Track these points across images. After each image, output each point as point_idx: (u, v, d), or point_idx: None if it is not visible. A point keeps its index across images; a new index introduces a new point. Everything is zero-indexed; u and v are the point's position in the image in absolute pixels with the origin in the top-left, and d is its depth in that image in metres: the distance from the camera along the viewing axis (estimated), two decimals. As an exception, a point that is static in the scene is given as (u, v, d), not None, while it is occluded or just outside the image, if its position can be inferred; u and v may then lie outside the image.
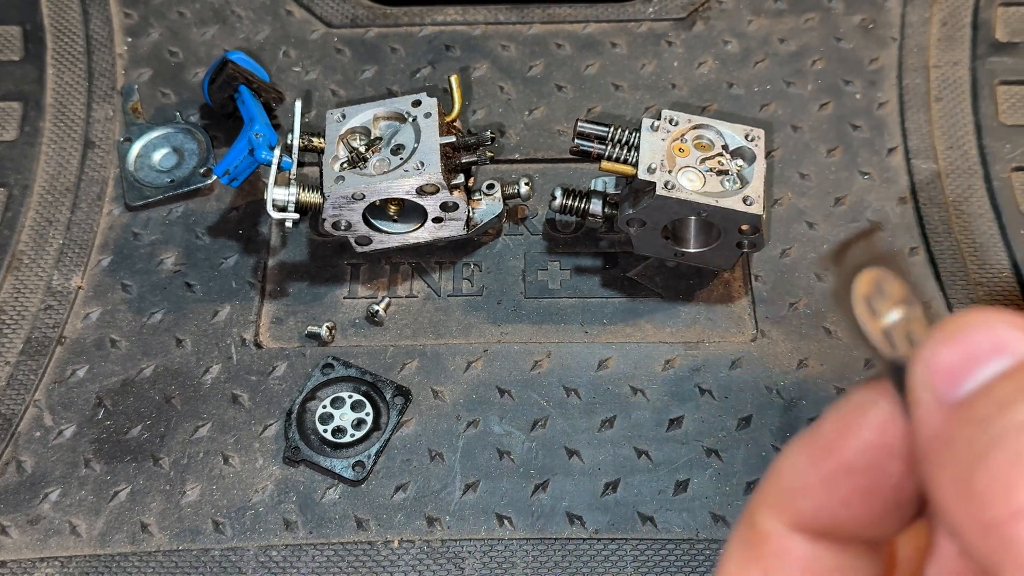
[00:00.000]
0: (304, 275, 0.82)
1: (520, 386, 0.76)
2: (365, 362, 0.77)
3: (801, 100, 0.90)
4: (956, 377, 0.24)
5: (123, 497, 0.72)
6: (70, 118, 0.90)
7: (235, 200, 0.85)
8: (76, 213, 0.85)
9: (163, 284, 0.81)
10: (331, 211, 0.75)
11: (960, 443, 0.23)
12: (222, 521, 0.71)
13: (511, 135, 0.89)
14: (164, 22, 0.96)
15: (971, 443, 0.23)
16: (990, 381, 0.24)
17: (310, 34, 0.95)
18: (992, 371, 0.24)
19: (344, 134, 0.77)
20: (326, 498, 0.71)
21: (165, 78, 0.92)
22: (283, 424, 0.74)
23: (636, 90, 0.91)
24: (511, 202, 0.82)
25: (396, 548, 0.69)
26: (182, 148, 0.88)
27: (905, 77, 0.91)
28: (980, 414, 0.23)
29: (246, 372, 0.77)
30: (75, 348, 0.78)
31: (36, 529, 0.70)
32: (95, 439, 0.74)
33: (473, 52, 0.94)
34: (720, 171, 0.74)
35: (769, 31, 0.95)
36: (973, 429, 0.23)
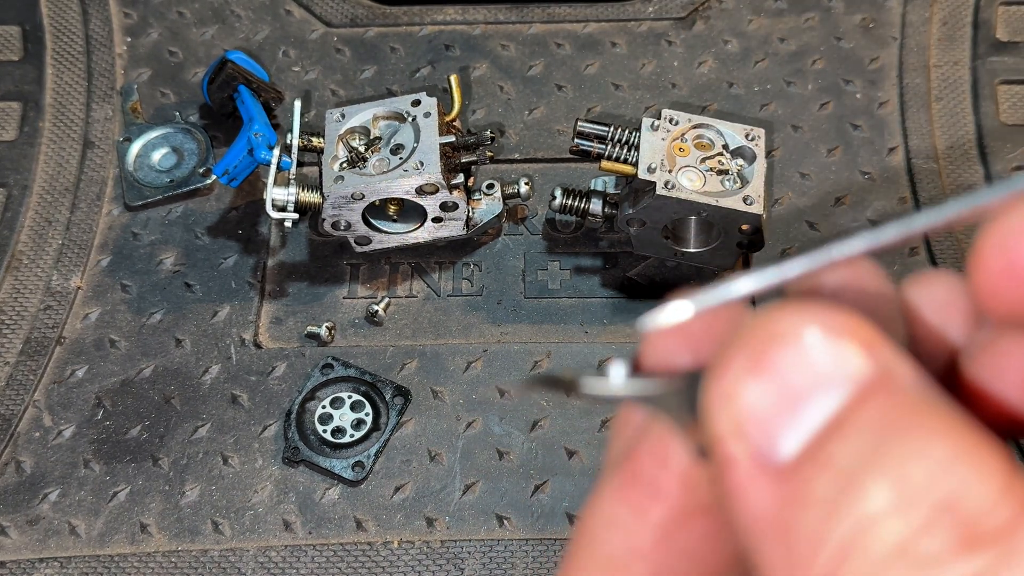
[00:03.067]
0: (304, 275, 0.82)
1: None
2: (365, 362, 0.77)
3: (801, 100, 0.90)
4: (775, 427, 0.19)
5: (122, 497, 0.72)
6: (69, 118, 0.90)
7: (234, 200, 0.85)
8: (75, 213, 0.85)
9: (162, 284, 0.81)
10: (330, 211, 0.75)
11: (800, 539, 0.18)
12: (221, 522, 0.70)
13: (511, 135, 0.88)
14: (163, 22, 0.95)
15: (815, 541, 0.17)
16: (819, 437, 0.18)
17: (309, 34, 0.95)
18: (818, 418, 0.18)
19: (343, 134, 0.77)
20: (325, 499, 0.71)
21: (164, 78, 0.92)
22: (282, 424, 0.74)
23: (636, 90, 0.91)
24: (511, 202, 0.82)
25: (396, 549, 0.69)
26: (181, 148, 0.88)
27: (905, 77, 0.91)
28: (820, 495, 0.18)
29: (245, 372, 0.77)
30: (74, 348, 0.78)
31: (35, 529, 0.70)
32: (94, 439, 0.74)
33: (473, 52, 0.94)
34: (720, 171, 0.74)
35: (769, 31, 0.94)
36: (816, 519, 0.18)
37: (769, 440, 0.19)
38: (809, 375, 0.18)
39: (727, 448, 0.19)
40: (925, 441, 0.17)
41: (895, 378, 0.19)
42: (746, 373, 0.19)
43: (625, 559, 0.22)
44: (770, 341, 0.19)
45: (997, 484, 0.17)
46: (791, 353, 0.19)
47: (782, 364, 0.19)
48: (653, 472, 0.22)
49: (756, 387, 0.19)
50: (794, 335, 0.19)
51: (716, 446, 0.19)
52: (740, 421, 0.19)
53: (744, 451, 0.19)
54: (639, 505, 0.22)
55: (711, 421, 0.19)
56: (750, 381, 0.19)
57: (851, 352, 0.19)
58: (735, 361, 0.19)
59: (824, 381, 0.18)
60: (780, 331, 0.19)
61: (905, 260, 0.83)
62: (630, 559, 0.22)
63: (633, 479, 0.22)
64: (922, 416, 0.18)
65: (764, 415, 0.19)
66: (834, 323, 0.19)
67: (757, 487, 0.19)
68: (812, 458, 0.18)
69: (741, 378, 0.19)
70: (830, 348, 0.19)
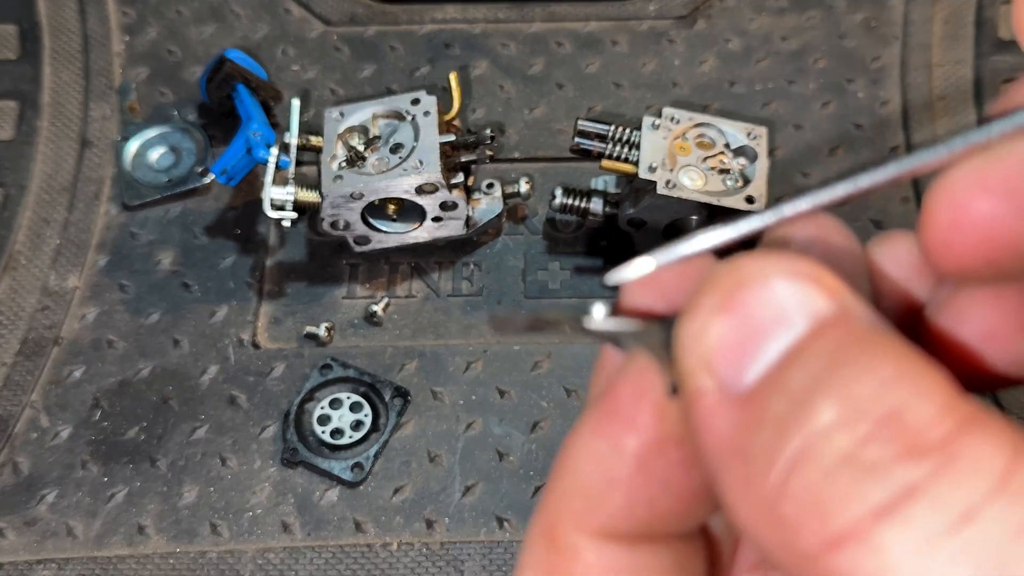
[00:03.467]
0: (302, 275, 0.81)
1: (520, 387, 0.75)
2: (364, 363, 0.76)
3: (803, 99, 0.90)
4: (739, 360, 0.20)
5: (120, 499, 0.71)
6: (67, 117, 0.89)
7: (233, 199, 0.85)
8: (73, 213, 0.84)
9: (160, 284, 0.81)
10: (329, 210, 0.75)
11: (756, 456, 0.19)
12: (219, 523, 0.70)
13: (511, 134, 0.88)
14: (162, 20, 0.95)
15: (768, 456, 0.19)
16: (778, 364, 0.20)
17: (309, 32, 0.95)
18: (779, 349, 0.20)
19: (342, 133, 0.77)
20: (324, 500, 0.71)
21: (163, 77, 0.92)
22: (281, 425, 0.74)
23: (637, 88, 0.91)
24: (511, 201, 0.82)
25: (395, 551, 0.69)
26: (180, 147, 0.88)
27: (908, 76, 0.91)
28: (774, 415, 0.19)
29: (244, 373, 0.76)
30: (72, 349, 0.78)
31: (33, 531, 0.70)
32: (92, 440, 0.74)
33: (473, 50, 0.93)
34: (722, 170, 0.74)
35: (771, 29, 0.94)
36: (768, 436, 0.19)
37: (734, 372, 0.20)
38: (772, 313, 0.20)
39: (695, 381, 0.20)
40: (872, 363, 0.19)
41: (851, 315, 0.20)
42: (714, 312, 0.20)
43: (602, 489, 0.23)
44: (738, 284, 0.20)
45: (939, 400, 0.18)
46: (757, 294, 0.20)
47: (748, 304, 0.20)
48: (629, 406, 0.23)
49: (723, 324, 0.20)
50: (760, 279, 0.20)
51: (686, 380, 0.21)
52: (707, 356, 0.20)
53: (711, 384, 0.20)
54: (616, 437, 0.23)
55: (681, 357, 0.21)
56: (718, 319, 0.20)
57: (813, 293, 0.20)
58: (705, 302, 0.20)
59: (786, 317, 0.20)
60: (747, 275, 0.20)
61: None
62: (607, 488, 0.23)
63: (610, 413, 0.23)
64: (872, 343, 0.19)
65: (730, 349, 0.20)
66: (798, 269, 0.20)
67: (721, 415, 0.20)
68: (769, 384, 0.19)
69: (710, 317, 0.20)
70: (793, 290, 0.20)
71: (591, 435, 0.23)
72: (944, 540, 0.17)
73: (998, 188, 0.21)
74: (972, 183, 0.22)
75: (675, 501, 0.23)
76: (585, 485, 0.23)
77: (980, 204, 0.22)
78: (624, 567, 0.23)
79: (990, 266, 0.22)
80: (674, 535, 0.24)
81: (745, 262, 0.20)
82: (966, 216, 0.22)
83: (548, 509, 0.24)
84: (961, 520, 0.17)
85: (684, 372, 0.21)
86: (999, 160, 0.22)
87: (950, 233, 0.22)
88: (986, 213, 0.22)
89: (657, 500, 0.23)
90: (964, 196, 0.22)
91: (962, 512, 0.17)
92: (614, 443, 0.23)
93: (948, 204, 0.22)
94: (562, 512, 0.23)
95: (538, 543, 0.24)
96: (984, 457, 0.18)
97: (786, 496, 0.18)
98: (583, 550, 0.23)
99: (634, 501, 0.23)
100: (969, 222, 0.22)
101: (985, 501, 0.17)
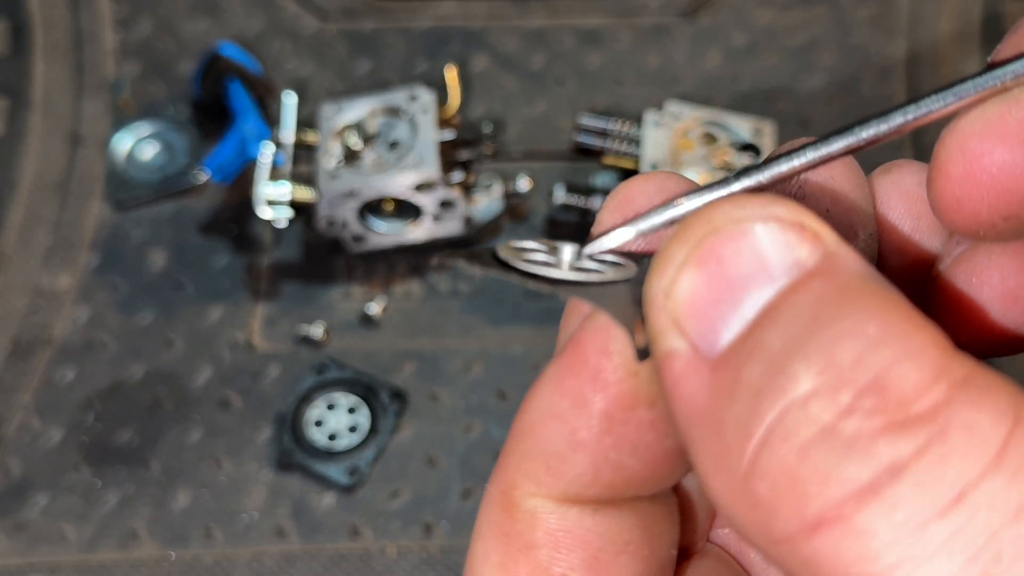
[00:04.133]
0: (298, 275, 0.80)
1: (520, 389, 0.74)
2: (361, 364, 0.75)
3: (809, 95, 0.89)
4: (713, 318, 0.18)
5: (113, 502, 0.70)
6: (58, 114, 0.88)
7: (227, 198, 0.84)
8: (65, 212, 0.83)
9: (153, 284, 0.80)
10: (326, 209, 0.74)
11: (729, 428, 0.17)
12: (213, 527, 0.69)
13: (511, 130, 0.87)
14: (155, 14, 0.94)
15: (742, 429, 0.17)
16: (755, 323, 0.17)
17: (304, 27, 0.94)
18: (757, 305, 0.18)
19: (339, 130, 0.76)
20: (320, 505, 0.70)
21: (156, 72, 0.91)
22: (276, 428, 0.73)
23: (640, 84, 0.90)
24: (511, 200, 0.81)
25: (393, 556, 0.68)
26: (173, 144, 0.87)
27: (914, 72, 0.90)
28: (748, 381, 0.17)
29: (239, 374, 0.76)
30: (64, 350, 0.77)
31: (24, 535, 0.69)
32: (84, 443, 0.73)
33: (472, 46, 0.92)
34: (726, 166, 0.72)
35: (776, 24, 0.93)
36: (742, 406, 0.17)
37: (708, 333, 0.18)
38: (750, 265, 0.18)
39: (665, 343, 0.18)
40: (856, 322, 0.17)
41: (837, 264, 0.18)
42: (686, 265, 0.18)
43: (565, 451, 0.21)
44: (712, 232, 0.18)
45: (931, 363, 0.16)
46: (732, 244, 0.18)
47: (723, 255, 0.18)
48: (597, 359, 0.20)
49: (695, 278, 0.18)
50: (737, 226, 0.18)
51: (656, 341, 0.18)
52: (678, 315, 0.18)
53: (683, 345, 0.18)
54: (580, 395, 0.20)
55: (651, 316, 0.18)
56: (689, 272, 0.18)
57: (795, 241, 0.18)
58: (676, 253, 0.18)
59: (765, 270, 0.18)
60: (723, 222, 0.18)
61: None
62: (571, 451, 0.21)
63: (575, 368, 0.21)
64: (857, 298, 0.17)
65: (703, 307, 0.18)
66: (779, 214, 0.18)
67: (693, 380, 0.18)
68: (745, 346, 0.17)
69: (681, 270, 0.18)
70: (773, 237, 0.18)
71: (553, 392, 0.21)
72: (933, 523, 0.16)
73: (1017, 136, 0.20)
74: (987, 131, 0.20)
75: (645, 464, 0.21)
76: (546, 446, 0.21)
77: (997, 153, 0.20)
78: (588, 532, 0.21)
79: (1009, 221, 0.20)
80: (643, 497, 0.22)
81: (720, 207, 0.18)
82: (981, 167, 0.20)
83: (505, 471, 0.21)
84: (953, 501, 0.16)
85: (653, 332, 0.18)
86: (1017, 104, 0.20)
87: (964, 186, 0.20)
88: (1004, 163, 0.20)
89: (625, 464, 0.20)
90: (979, 145, 0.20)
91: (955, 492, 0.16)
92: (578, 401, 0.20)
93: (961, 154, 0.20)
94: (521, 474, 0.21)
95: (495, 507, 0.22)
96: (980, 427, 0.16)
97: (760, 474, 0.16)
98: (543, 515, 0.21)
99: (600, 464, 0.20)
100: (985, 173, 0.20)
101: (980, 479, 0.16)
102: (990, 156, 0.20)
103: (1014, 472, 0.16)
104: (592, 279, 0.20)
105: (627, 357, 0.20)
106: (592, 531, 0.21)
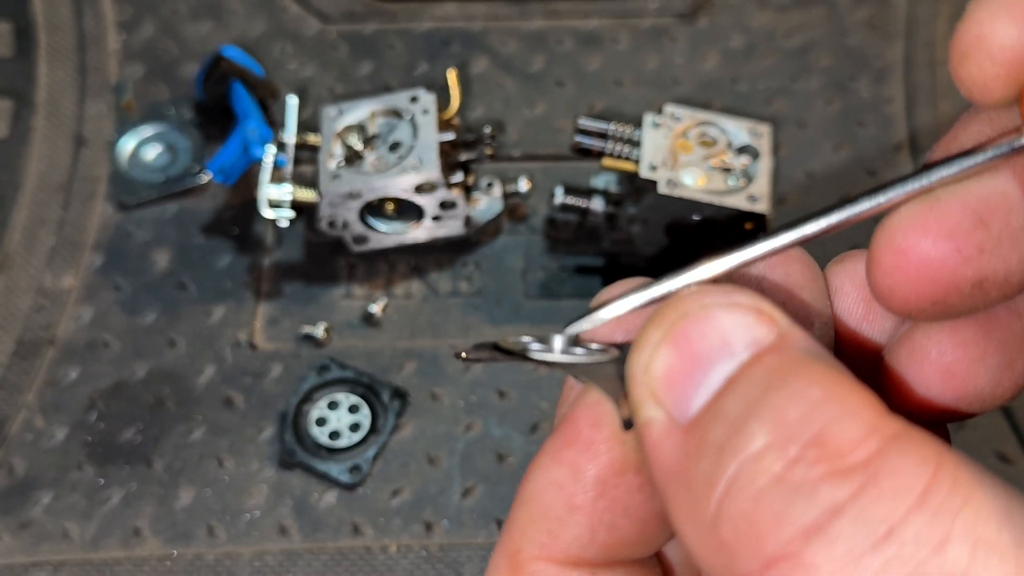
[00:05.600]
0: (300, 275, 0.81)
1: (520, 388, 0.75)
2: (362, 363, 0.76)
3: (806, 96, 0.89)
4: (684, 390, 0.21)
5: (116, 501, 0.71)
6: (62, 115, 0.89)
7: (229, 198, 0.84)
8: (68, 212, 0.84)
9: (156, 284, 0.80)
10: (327, 209, 0.74)
11: (697, 482, 0.20)
12: (216, 526, 0.70)
13: (511, 132, 0.87)
14: (158, 17, 0.94)
15: (708, 482, 0.19)
16: (719, 394, 0.20)
17: (306, 29, 0.94)
18: (720, 377, 0.21)
19: (340, 131, 0.76)
20: (322, 503, 0.70)
21: (159, 74, 0.91)
22: (278, 427, 0.73)
23: (638, 86, 0.90)
24: (511, 200, 0.81)
25: (394, 554, 0.68)
26: (176, 145, 0.87)
27: (912, 73, 0.90)
28: (713, 441, 0.20)
29: (241, 374, 0.76)
30: (67, 349, 0.77)
31: (27, 533, 0.69)
32: (88, 442, 0.73)
33: (472, 48, 0.92)
34: (724, 168, 0.73)
35: (774, 26, 0.93)
36: (708, 463, 0.20)
37: (680, 402, 0.21)
38: (715, 343, 0.21)
39: (644, 413, 0.21)
40: (801, 387, 0.19)
41: (788, 342, 0.21)
42: (659, 344, 0.21)
43: (564, 515, 0.24)
44: (682, 316, 0.21)
45: (865, 421, 0.19)
46: (699, 326, 0.21)
47: (692, 335, 0.21)
48: (588, 432, 0.24)
49: (668, 357, 0.21)
50: (703, 311, 0.21)
51: (636, 412, 0.22)
52: (654, 388, 0.21)
53: (659, 414, 0.21)
54: (576, 464, 0.24)
55: (631, 389, 0.22)
56: (663, 351, 0.21)
57: (753, 322, 0.21)
58: (651, 335, 0.21)
59: (728, 347, 0.21)
60: (690, 308, 0.21)
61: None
62: (568, 514, 0.24)
63: (570, 440, 0.24)
64: (804, 368, 0.20)
65: (675, 380, 0.21)
66: (738, 300, 0.21)
67: (668, 445, 0.21)
68: (710, 412, 0.20)
69: (656, 349, 0.21)
70: (734, 320, 0.21)
71: (551, 462, 0.24)
72: (868, 557, 0.18)
73: (939, 231, 0.23)
74: (912, 227, 0.23)
75: (636, 525, 0.24)
76: (547, 511, 0.24)
77: (922, 247, 0.23)
78: None
79: (936, 306, 0.23)
80: (633, 561, 0.25)
81: (688, 296, 0.22)
82: (908, 259, 0.23)
83: (511, 536, 0.24)
84: (884, 536, 0.18)
85: (634, 403, 0.22)
86: (939, 203, 0.23)
87: (895, 276, 0.23)
88: (928, 255, 0.23)
89: (618, 525, 0.23)
90: (905, 240, 0.23)
91: (885, 528, 0.18)
92: (574, 469, 0.24)
93: (890, 248, 0.23)
94: (525, 539, 0.24)
95: (501, 570, 0.24)
96: (906, 474, 0.18)
97: (724, 520, 0.19)
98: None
99: (596, 526, 0.23)
100: (911, 265, 0.23)
101: (906, 517, 0.18)
102: (915, 250, 0.23)
103: (935, 510, 0.18)
104: (581, 360, 0.24)
105: (615, 428, 0.23)
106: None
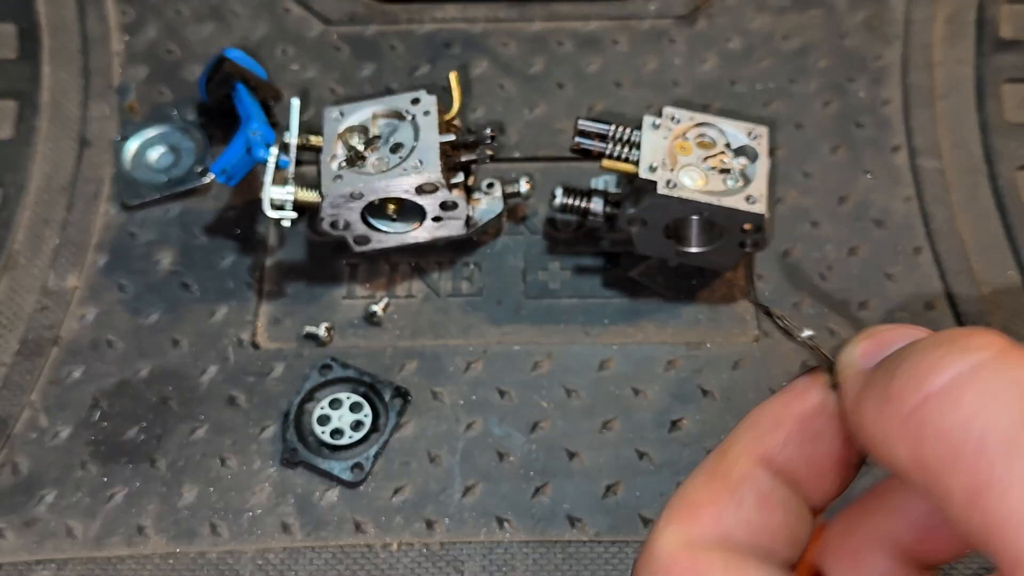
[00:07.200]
0: (302, 275, 0.81)
1: (520, 387, 0.75)
2: (363, 363, 0.76)
3: (804, 98, 0.90)
4: (872, 354, 0.32)
5: (119, 499, 0.71)
6: (66, 116, 0.89)
7: (232, 199, 0.85)
8: (72, 212, 0.84)
9: (160, 284, 0.81)
10: (329, 210, 0.75)
11: (875, 379, 0.30)
12: (219, 524, 0.70)
13: (511, 133, 0.88)
14: (161, 19, 0.95)
15: (883, 374, 0.30)
16: (894, 351, 0.31)
17: (308, 31, 0.94)
18: (897, 347, 0.31)
19: (342, 132, 0.77)
20: (324, 501, 0.71)
21: (162, 76, 0.92)
22: (280, 426, 0.74)
23: (638, 88, 0.91)
24: (511, 201, 0.82)
25: (395, 551, 0.69)
26: (179, 147, 0.87)
27: (909, 75, 0.90)
28: (888, 364, 0.30)
29: (243, 373, 0.76)
30: (71, 349, 0.78)
31: (32, 531, 0.70)
32: (91, 441, 0.74)
33: (473, 50, 0.93)
34: (723, 169, 0.73)
35: (772, 28, 0.94)
36: (882, 369, 0.30)
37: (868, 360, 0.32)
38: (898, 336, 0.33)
39: (845, 371, 0.33)
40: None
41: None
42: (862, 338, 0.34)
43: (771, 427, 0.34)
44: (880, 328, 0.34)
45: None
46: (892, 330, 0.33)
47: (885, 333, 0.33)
48: (804, 387, 0.34)
49: (867, 341, 0.33)
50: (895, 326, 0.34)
51: (840, 374, 0.33)
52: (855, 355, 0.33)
53: (854, 369, 0.33)
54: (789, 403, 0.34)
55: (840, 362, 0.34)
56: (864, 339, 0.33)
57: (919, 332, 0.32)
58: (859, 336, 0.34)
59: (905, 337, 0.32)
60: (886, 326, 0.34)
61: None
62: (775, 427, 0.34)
63: (791, 390, 0.35)
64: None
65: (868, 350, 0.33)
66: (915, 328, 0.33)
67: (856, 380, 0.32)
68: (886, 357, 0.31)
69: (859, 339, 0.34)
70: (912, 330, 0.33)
71: (773, 401, 0.34)
72: None
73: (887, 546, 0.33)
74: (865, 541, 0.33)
75: (818, 452, 0.33)
76: (758, 423, 0.34)
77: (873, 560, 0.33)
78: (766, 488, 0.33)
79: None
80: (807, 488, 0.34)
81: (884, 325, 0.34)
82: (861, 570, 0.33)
83: (726, 441, 0.34)
84: None
85: (841, 370, 0.33)
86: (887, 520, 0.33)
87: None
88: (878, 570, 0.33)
89: (804, 448, 0.33)
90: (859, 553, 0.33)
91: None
92: (787, 405, 0.34)
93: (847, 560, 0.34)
94: (736, 440, 0.34)
95: (710, 460, 0.34)
96: None
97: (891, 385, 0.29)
98: (743, 467, 0.33)
99: (789, 440, 0.33)
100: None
101: None
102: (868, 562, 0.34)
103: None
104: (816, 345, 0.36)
105: (824, 386, 0.34)
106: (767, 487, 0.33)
